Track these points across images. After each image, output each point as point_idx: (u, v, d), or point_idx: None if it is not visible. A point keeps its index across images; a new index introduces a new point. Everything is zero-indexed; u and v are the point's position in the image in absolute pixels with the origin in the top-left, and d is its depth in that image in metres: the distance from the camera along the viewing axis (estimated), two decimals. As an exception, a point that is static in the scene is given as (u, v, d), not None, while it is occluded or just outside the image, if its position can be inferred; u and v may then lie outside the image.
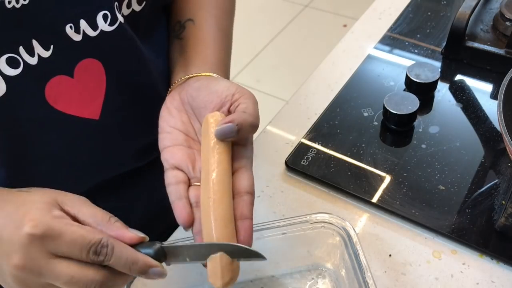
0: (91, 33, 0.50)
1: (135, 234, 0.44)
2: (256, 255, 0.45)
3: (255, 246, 0.55)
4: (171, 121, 0.52)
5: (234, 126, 0.46)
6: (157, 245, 0.45)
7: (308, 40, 2.42)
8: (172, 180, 0.49)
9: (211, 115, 0.49)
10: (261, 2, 2.70)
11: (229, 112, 0.50)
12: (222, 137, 0.46)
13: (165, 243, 0.46)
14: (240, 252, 0.45)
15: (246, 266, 0.57)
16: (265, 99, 2.14)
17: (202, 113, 0.51)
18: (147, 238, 0.45)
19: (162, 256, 0.45)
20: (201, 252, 0.45)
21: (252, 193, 0.48)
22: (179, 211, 0.47)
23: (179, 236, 0.62)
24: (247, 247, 0.46)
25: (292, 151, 0.69)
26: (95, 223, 0.43)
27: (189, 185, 0.49)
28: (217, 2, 0.64)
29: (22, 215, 0.41)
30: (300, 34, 2.47)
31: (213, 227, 0.45)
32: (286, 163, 0.68)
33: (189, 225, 0.47)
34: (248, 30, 2.54)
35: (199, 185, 0.48)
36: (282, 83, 2.19)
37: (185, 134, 0.51)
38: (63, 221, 0.41)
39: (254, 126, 0.48)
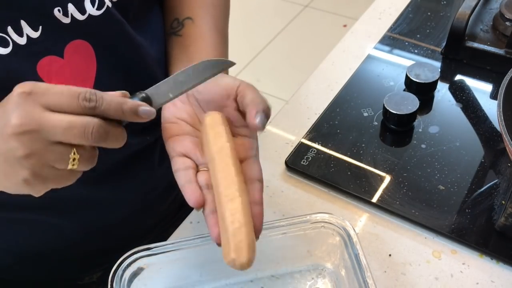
0: (79, 16, 0.51)
1: (117, 91, 0.46)
2: (227, 63, 0.50)
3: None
4: (176, 113, 0.53)
5: (263, 113, 0.48)
6: (141, 93, 0.47)
7: (308, 40, 2.42)
8: (181, 166, 0.50)
9: (210, 114, 0.51)
10: (261, 2, 2.70)
11: (236, 102, 0.51)
12: (263, 125, 0.48)
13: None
14: (214, 67, 0.49)
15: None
16: (265, 99, 2.14)
17: (209, 106, 0.53)
18: (128, 94, 0.47)
19: (147, 102, 0.47)
20: (180, 81, 0.48)
21: (262, 181, 0.50)
22: (190, 193, 0.48)
23: (180, 236, 0.62)
24: (216, 59, 0.50)
25: (292, 151, 0.69)
26: None
27: (197, 171, 0.50)
28: (214, 3, 0.65)
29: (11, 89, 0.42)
30: (300, 34, 2.47)
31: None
32: (286, 163, 0.68)
33: (200, 206, 0.48)
34: (248, 30, 2.54)
35: (208, 170, 0.49)
36: (282, 83, 2.19)
37: (191, 125, 0.53)
38: (48, 83, 0.43)
39: (269, 110, 0.50)
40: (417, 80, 0.73)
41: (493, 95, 0.74)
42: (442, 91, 0.75)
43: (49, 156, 0.42)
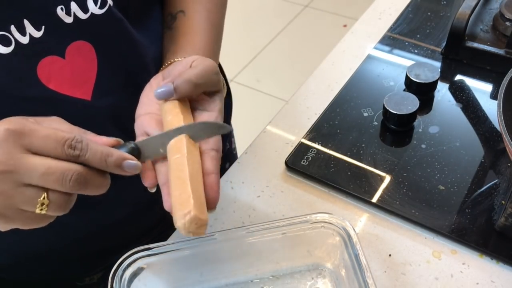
0: (82, 15, 0.51)
1: (110, 138, 0.46)
2: (224, 128, 0.49)
3: (255, 246, 0.55)
4: (150, 94, 0.54)
5: (172, 89, 0.49)
6: (131, 143, 0.46)
7: (308, 40, 2.42)
8: None
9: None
10: (261, 2, 2.70)
11: None
12: (160, 97, 0.49)
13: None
14: (208, 128, 0.48)
15: (246, 266, 0.57)
16: (265, 99, 2.14)
17: None
18: (122, 141, 0.46)
19: (136, 153, 0.46)
20: (171, 137, 0.48)
21: (217, 150, 0.50)
22: (145, 173, 0.49)
23: (180, 236, 0.62)
24: (213, 122, 0.49)
25: (292, 151, 0.69)
26: None
27: None
28: None
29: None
30: (300, 34, 2.47)
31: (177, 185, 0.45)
32: (286, 163, 0.68)
33: (153, 186, 0.49)
34: (248, 30, 2.54)
35: None
36: (282, 83, 2.19)
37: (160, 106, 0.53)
38: (38, 124, 0.43)
39: (193, 84, 0.50)
40: (417, 80, 0.73)
41: (493, 95, 0.74)
42: (442, 91, 0.75)
43: (17, 198, 0.41)
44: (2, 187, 0.41)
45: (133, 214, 0.70)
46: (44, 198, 0.42)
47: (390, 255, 0.59)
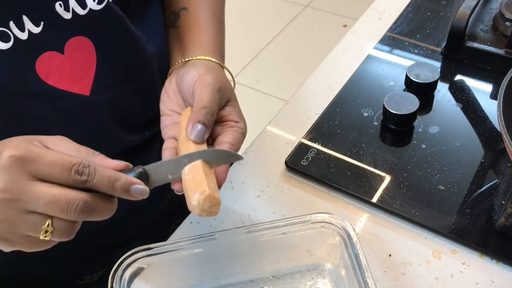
0: (80, 11, 0.52)
1: (119, 162, 0.45)
2: (235, 157, 0.49)
3: (255, 246, 0.55)
4: (169, 105, 0.56)
5: (202, 126, 0.49)
6: (139, 168, 0.46)
7: (308, 40, 2.42)
8: (169, 145, 0.53)
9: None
10: (261, 2, 2.70)
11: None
12: (199, 139, 0.50)
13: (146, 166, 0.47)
14: (219, 156, 0.48)
15: (246, 266, 0.57)
16: (265, 99, 2.14)
17: (188, 100, 0.55)
18: (130, 165, 0.46)
19: (144, 178, 0.46)
20: (182, 164, 0.47)
21: (233, 144, 0.51)
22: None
23: (180, 236, 0.62)
24: (225, 150, 0.49)
25: (292, 151, 0.69)
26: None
27: None
28: None
29: (3, 145, 0.41)
30: (300, 34, 2.47)
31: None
32: (286, 163, 0.68)
33: (181, 190, 0.49)
34: (248, 30, 2.54)
35: None
36: (282, 83, 2.19)
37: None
38: (43, 147, 0.42)
39: (207, 119, 0.51)
40: (417, 80, 0.73)
41: (493, 95, 0.74)
42: (442, 91, 0.75)
43: (21, 225, 0.41)
44: (7, 214, 0.40)
45: (133, 212, 0.70)
46: (48, 226, 0.41)
47: (390, 255, 0.59)
